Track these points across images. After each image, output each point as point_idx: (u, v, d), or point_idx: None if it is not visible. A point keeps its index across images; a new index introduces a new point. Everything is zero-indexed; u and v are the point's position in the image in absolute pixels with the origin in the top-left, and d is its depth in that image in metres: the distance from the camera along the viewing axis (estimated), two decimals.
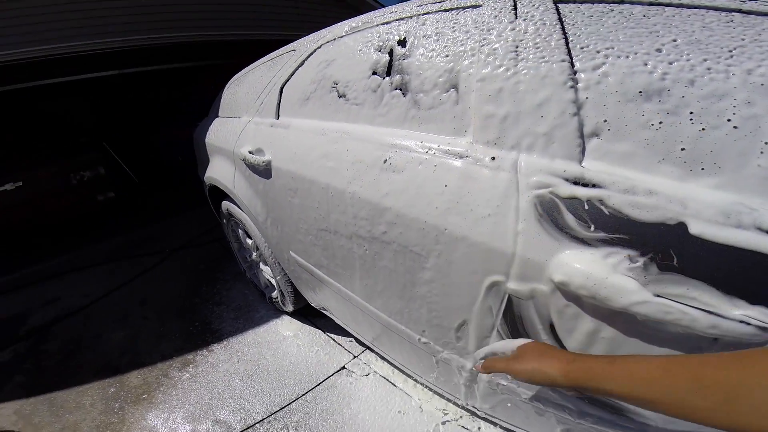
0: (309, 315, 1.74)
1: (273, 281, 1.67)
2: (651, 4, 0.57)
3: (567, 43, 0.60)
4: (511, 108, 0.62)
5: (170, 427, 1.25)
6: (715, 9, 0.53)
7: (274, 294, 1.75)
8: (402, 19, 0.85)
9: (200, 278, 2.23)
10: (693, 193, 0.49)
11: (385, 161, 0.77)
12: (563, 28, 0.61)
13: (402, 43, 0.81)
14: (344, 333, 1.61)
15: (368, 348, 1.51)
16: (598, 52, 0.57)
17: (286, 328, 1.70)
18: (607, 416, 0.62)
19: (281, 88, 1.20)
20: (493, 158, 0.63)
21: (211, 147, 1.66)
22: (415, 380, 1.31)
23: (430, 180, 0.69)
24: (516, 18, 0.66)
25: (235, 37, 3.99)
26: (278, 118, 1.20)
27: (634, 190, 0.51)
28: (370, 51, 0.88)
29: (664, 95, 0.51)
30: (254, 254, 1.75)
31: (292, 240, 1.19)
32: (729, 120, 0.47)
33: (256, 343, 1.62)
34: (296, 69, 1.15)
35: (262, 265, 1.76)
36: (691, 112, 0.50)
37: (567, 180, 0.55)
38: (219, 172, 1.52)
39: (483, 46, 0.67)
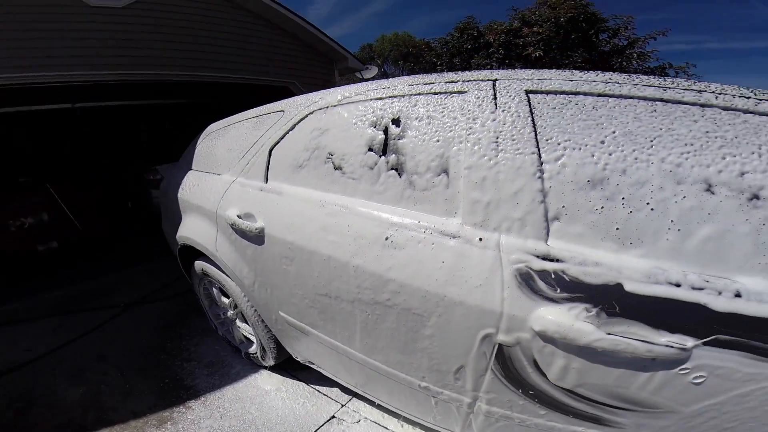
0: (289, 368, 1.71)
1: (253, 338, 1.64)
2: (599, 95, 0.76)
3: (536, 136, 0.78)
4: (493, 195, 0.80)
5: None
6: (644, 99, 0.72)
7: (252, 349, 1.71)
8: (395, 97, 0.99)
9: (164, 334, 2.10)
10: (625, 262, 0.69)
11: (386, 238, 0.89)
12: (533, 121, 0.79)
13: (396, 122, 0.96)
14: (328, 383, 1.62)
15: (355, 396, 1.54)
16: (558, 144, 0.76)
17: (266, 382, 1.66)
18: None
19: (270, 151, 1.27)
20: (481, 239, 0.79)
21: (185, 204, 1.62)
22: (407, 421, 1.38)
23: (429, 257, 0.83)
24: (496, 108, 0.83)
25: (204, 79, 3.99)
26: (267, 182, 1.26)
27: (585, 262, 0.71)
28: (365, 126, 1.01)
29: (604, 184, 0.72)
30: (230, 312, 1.71)
31: (283, 302, 1.23)
32: (648, 203, 0.69)
33: (237, 399, 1.56)
34: (287, 132, 1.23)
35: (238, 322, 1.71)
36: (623, 198, 0.71)
37: (537, 256, 0.73)
38: (196, 232, 1.50)
39: (470, 134, 0.84)
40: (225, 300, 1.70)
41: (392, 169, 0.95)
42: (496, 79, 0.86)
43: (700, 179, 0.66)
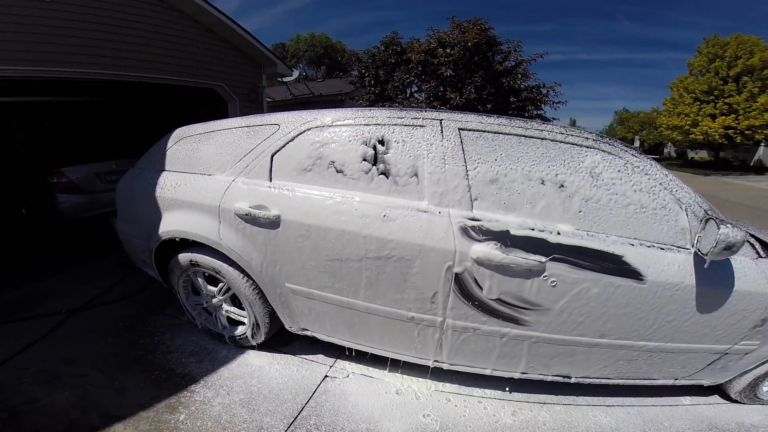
0: (273, 346, 2.03)
1: (244, 318, 1.92)
2: (495, 132, 1.46)
3: (464, 155, 1.44)
4: (444, 188, 1.43)
5: None
6: (515, 135, 1.44)
7: (239, 331, 1.98)
8: (378, 124, 1.53)
9: (130, 333, 2.15)
10: (509, 219, 1.40)
11: (384, 216, 1.43)
12: (462, 146, 1.45)
13: (381, 142, 1.51)
14: (312, 352, 2.02)
15: (339, 358, 1.98)
16: (475, 160, 1.44)
17: (257, 359, 1.95)
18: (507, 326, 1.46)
19: (272, 156, 1.65)
20: (440, 212, 1.41)
21: (169, 202, 1.81)
22: (391, 368, 1.89)
23: (412, 223, 1.41)
24: (443, 138, 1.47)
25: (124, 78, 3.76)
26: (271, 181, 1.64)
27: (491, 220, 1.39)
28: (358, 144, 1.53)
29: (497, 181, 1.42)
30: (216, 299, 1.94)
31: (291, 275, 1.62)
32: (516, 190, 1.41)
33: (236, 376, 1.81)
34: (287, 143, 1.64)
35: (225, 306, 1.96)
36: (505, 188, 1.42)
37: (469, 218, 1.39)
38: (192, 225, 1.73)
39: (429, 153, 1.46)
40: (211, 288, 1.93)
41: (382, 174, 1.50)
42: (442, 119, 1.51)
43: (538, 177, 1.41)
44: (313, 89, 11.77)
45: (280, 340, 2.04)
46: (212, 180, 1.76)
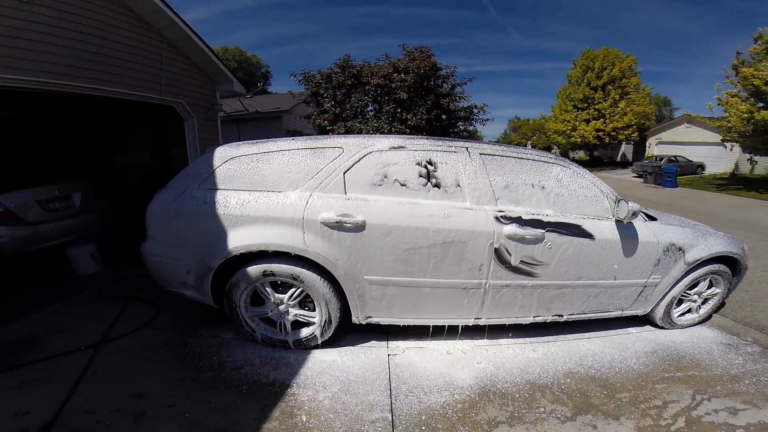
0: (331, 345, 2.39)
1: (313, 318, 2.27)
2: (501, 156, 2.33)
3: (487, 171, 2.26)
4: (479, 193, 2.22)
5: None
6: (513, 157, 2.33)
7: (305, 333, 2.31)
8: (425, 150, 2.25)
9: (180, 358, 2.23)
10: (519, 209, 2.25)
11: (444, 214, 2.12)
12: (485, 165, 2.27)
13: (430, 163, 2.22)
14: (365, 341, 2.48)
15: (388, 340, 2.48)
16: (493, 175, 2.27)
17: (326, 356, 2.29)
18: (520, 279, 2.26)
19: (344, 174, 2.17)
20: (479, 209, 2.19)
21: (240, 218, 2.11)
22: (432, 338, 2.48)
23: (463, 217, 2.14)
24: (470, 160, 2.27)
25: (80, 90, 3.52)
26: (346, 194, 2.15)
27: (508, 210, 2.23)
28: (414, 164, 2.21)
29: (507, 186, 2.27)
30: (283, 306, 2.26)
31: (370, 269, 2.14)
32: (520, 191, 2.29)
33: (320, 373, 2.12)
34: (354, 164, 2.18)
35: (293, 311, 2.28)
36: (511, 190, 2.29)
37: (497, 210, 2.20)
38: (275, 236, 2.08)
39: (465, 169, 2.24)
40: (279, 295, 2.23)
41: (435, 186, 2.20)
42: (467, 147, 2.33)
43: (530, 183, 2.34)
44: (246, 106, 11.66)
45: (330, 340, 2.37)
46: (286, 196, 2.15)
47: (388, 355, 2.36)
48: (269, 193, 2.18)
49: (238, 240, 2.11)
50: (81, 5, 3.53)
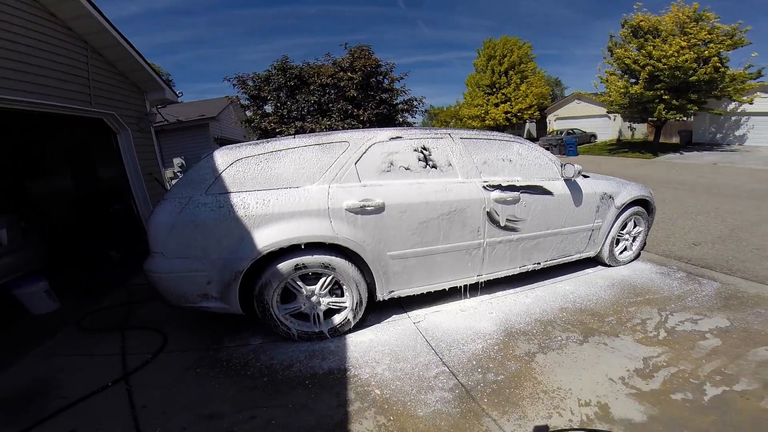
0: (359, 328, 2.62)
1: (345, 303, 2.48)
2: (477, 138, 2.87)
3: (468, 152, 2.79)
4: (466, 169, 2.73)
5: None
6: (488, 139, 2.90)
7: (338, 319, 2.51)
8: (418, 138, 2.68)
9: (222, 372, 2.23)
10: (498, 178, 2.82)
11: (445, 188, 2.57)
12: (465, 147, 2.79)
13: (425, 149, 2.66)
14: (387, 316, 2.77)
15: (405, 312, 2.81)
16: (473, 154, 2.81)
17: (362, 337, 2.51)
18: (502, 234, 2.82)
19: (355, 164, 2.47)
20: (470, 182, 2.70)
21: (264, 217, 2.25)
22: (443, 303, 2.88)
23: (460, 190, 2.63)
24: (454, 143, 2.77)
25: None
26: (361, 182, 2.45)
27: (490, 180, 2.78)
28: (412, 151, 2.62)
29: (486, 162, 2.83)
30: (314, 297, 2.43)
31: (392, 245, 2.46)
32: (496, 165, 2.87)
33: (365, 352, 2.33)
34: (362, 154, 2.50)
35: (324, 300, 2.46)
36: (489, 165, 2.85)
37: (483, 182, 2.74)
38: (305, 229, 2.28)
39: (452, 151, 2.73)
40: (310, 287, 2.40)
41: (432, 167, 2.64)
42: (450, 133, 2.84)
43: (501, 158, 2.94)
44: (166, 116, 10.81)
45: (357, 324, 2.59)
46: (306, 190, 2.36)
47: (414, 323, 2.68)
48: (288, 189, 2.35)
49: (266, 239, 2.24)
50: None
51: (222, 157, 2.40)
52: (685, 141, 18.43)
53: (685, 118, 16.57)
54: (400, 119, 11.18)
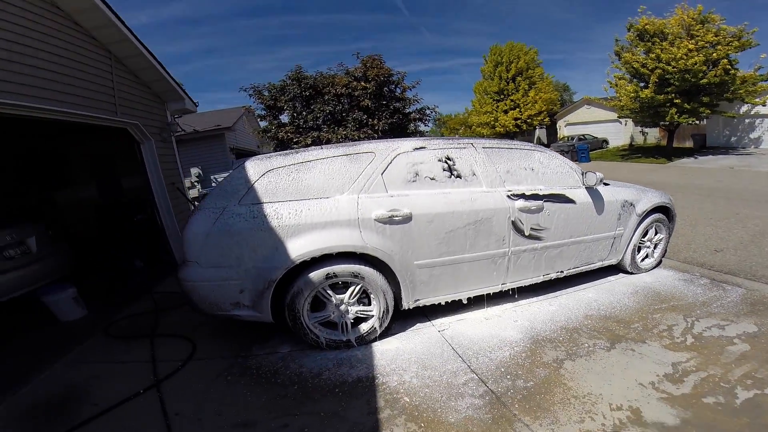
0: (384, 337, 2.67)
1: (372, 312, 2.55)
2: (497, 148, 2.93)
3: (491, 160, 2.86)
4: (490, 179, 2.79)
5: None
6: (508, 148, 2.98)
7: (365, 327, 2.57)
8: (441, 149, 2.76)
9: (252, 381, 2.28)
10: (521, 186, 2.87)
11: (471, 199, 2.63)
12: (488, 156, 2.86)
13: (449, 158, 2.73)
14: (412, 324, 2.82)
15: (429, 321, 2.86)
16: (494, 163, 2.87)
17: (388, 346, 2.56)
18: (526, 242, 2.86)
19: (382, 175, 2.55)
20: (495, 191, 2.76)
21: (296, 227, 2.33)
22: (467, 311, 2.92)
23: (485, 199, 2.69)
24: (477, 153, 2.84)
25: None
26: (388, 192, 2.53)
27: (514, 189, 2.84)
28: (436, 161, 2.69)
29: (510, 171, 2.89)
30: (343, 306, 2.50)
31: (419, 254, 2.53)
32: (518, 174, 2.92)
33: (392, 360, 2.38)
34: (388, 165, 2.58)
35: (352, 309, 2.52)
36: (512, 173, 2.91)
37: (508, 190, 2.80)
38: (336, 239, 2.35)
39: (476, 161, 2.80)
40: (339, 296, 2.47)
41: (457, 177, 2.71)
42: (472, 143, 2.91)
43: (523, 167, 3.00)
44: (183, 126, 11.20)
45: (382, 333, 2.64)
46: (336, 200, 2.44)
47: (439, 331, 2.73)
48: (318, 200, 2.44)
49: (299, 248, 2.32)
50: (27, 18, 3.33)
51: (254, 167, 2.49)
52: (698, 145, 18.24)
53: (698, 122, 16.43)
54: (413, 128, 11.30)
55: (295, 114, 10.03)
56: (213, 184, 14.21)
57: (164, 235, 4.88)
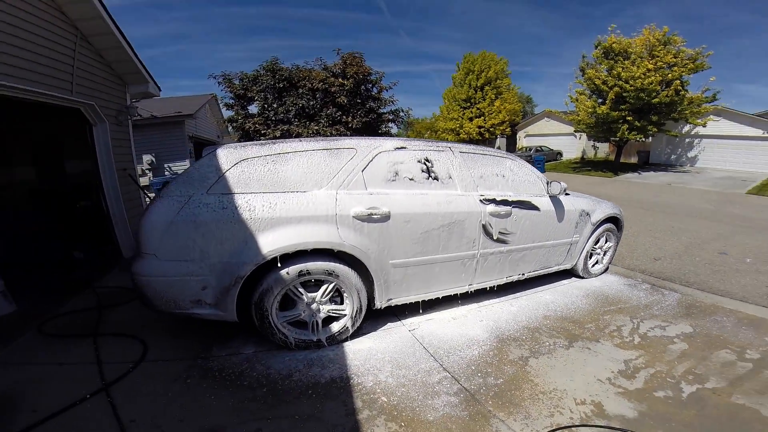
0: (357, 336, 2.66)
1: (344, 311, 2.52)
2: (472, 153, 3.01)
3: (466, 165, 2.95)
4: (465, 183, 2.89)
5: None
6: (482, 154, 3.09)
7: (337, 327, 2.54)
8: (421, 150, 2.80)
9: (217, 384, 2.15)
10: (491, 192, 3.00)
11: (447, 201, 2.70)
12: (464, 160, 2.95)
13: (428, 160, 2.78)
14: (383, 324, 2.84)
15: (400, 320, 2.89)
16: (470, 167, 2.97)
17: (360, 345, 2.55)
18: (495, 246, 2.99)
19: (362, 172, 2.53)
20: (469, 194, 2.85)
21: (270, 221, 2.24)
22: (437, 311, 2.99)
23: (460, 202, 2.77)
24: (454, 156, 2.92)
25: None
26: (367, 190, 2.51)
27: (485, 194, 2.96)
28: (416, 162, 2.73)
29: (483, 177, 3.01)
30: (314, 304, 2.45)
31: (394, 254, 2.54)
32: (491, 179, 3.05)
33: (366, 360, 2.37)
34: (369, 162, 2.56)
35: (324, 308, 2.48)
36: (485, 179, 3.03)
37: (480, 195, 2.90)
38: (311, 234, 2.30)
39: (452, 164, 2.88)
40: (311, 294, 2.42)
41: (434, 179, 2.77)
42: (450, 147, 2.99)
43: (495, 173, 3.13)
44: (141, 111, 10.38)
45: (353, 333, 2.62)
46: (313, 195, 2.38)
47: (409, 331, 2.76)
48: (295, 193, 2.36)
49: (271, 243, 2.23)
50: None
51: (226, 156, 2.35)
52: (642, 161, 20.13)
53: (644, 139, 18.10)
54: (384, 128, 11.36)
55: (266, 105, 9.70)
56: (166, 173, 13.27)
57: (111, 224, 4.47)
